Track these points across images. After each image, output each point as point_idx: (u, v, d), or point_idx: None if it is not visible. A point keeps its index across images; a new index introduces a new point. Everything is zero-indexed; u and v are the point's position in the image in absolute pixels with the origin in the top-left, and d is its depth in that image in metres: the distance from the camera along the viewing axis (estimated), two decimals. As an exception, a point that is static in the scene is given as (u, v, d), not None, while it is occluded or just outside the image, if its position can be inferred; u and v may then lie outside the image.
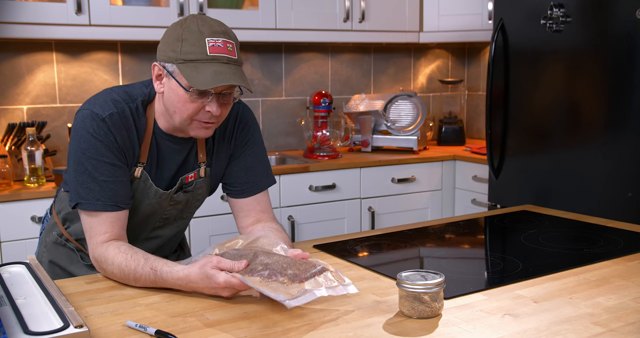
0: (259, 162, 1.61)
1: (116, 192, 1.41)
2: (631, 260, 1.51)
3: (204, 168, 1.56)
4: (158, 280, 1.30)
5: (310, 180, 2.99)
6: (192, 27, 1.34)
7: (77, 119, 1.42)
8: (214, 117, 1.40)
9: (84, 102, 1.45)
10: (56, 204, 1.65)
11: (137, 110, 1.44)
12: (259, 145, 1.62)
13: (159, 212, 1.55)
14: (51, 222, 1.67)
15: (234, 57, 1.36)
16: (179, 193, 1.54)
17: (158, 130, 1.47)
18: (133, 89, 1.47)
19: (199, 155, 1.55)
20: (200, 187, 1.58)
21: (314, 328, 1.13)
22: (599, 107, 2.54)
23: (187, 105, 1.37)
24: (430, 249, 1.67)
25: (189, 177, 1.54)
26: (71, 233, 1.60)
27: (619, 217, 2.02)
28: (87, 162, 1.39)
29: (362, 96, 3.53)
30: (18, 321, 1.06)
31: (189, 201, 1.59)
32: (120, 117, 1.41)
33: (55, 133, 2.92)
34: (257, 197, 1.61)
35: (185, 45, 1.33)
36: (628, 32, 2.38)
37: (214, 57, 1.33)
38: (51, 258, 1.63)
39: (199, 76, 1.32)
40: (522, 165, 2.85)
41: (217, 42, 1.34)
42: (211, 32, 1.34)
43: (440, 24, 3.48)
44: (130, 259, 1.33)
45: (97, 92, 1.48)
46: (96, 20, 2.67)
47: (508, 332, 1.10)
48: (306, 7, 3.14)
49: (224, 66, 1.33)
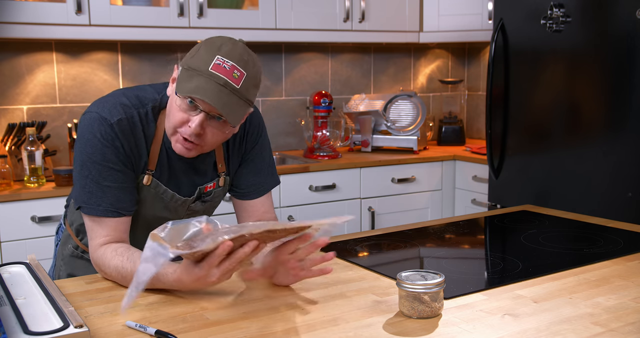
0: (266, 165, 1.61)
1: (119, 198, 1.39)
2: (631, 260, 1.51)
3: (223, 177, 1.55)
4: (155, 282, 1.28)
5: (310, 180, 2.99)
6: (216, 42, 1.31)
7: (84, 121, 1.39)
8: (194, 135, 1.34)
9: (92, 104, 1.42)
10: (68, 215, 1.63)
11: (147, 116, 1.42)
12: (266, 148, 1.61)
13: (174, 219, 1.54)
14: (65, 234, 1.66)
15: (234, 84, 1.29)
16: (197, 203, 1.53)
17: (168, 138, 1.44)
18: (145, 93, 1.44)
19: (218, 166, 1.53)
20: (218, 195, 1.57)
21: (314, 328, 1.13)
22: (599, 107, 2.54)
23: (175, 113, 1.35)
24: (430, 249, 1.67)
25: (208, 187, 1.53)
26: (86, 244, 1.59)
27: (619, 217, 2.02)
28: (92, 166, 1.37)
29: (362, 96, 3.53)
30: (18, 321, 1.06)
31: (206, 210, 1.58)
32: (128, 123, 1.38)
33: (55, 133, 2.92)
34: (261, 198, 1.61)
35: (197, 55, 1.31)
36: (628, 32, 2.38)
37: (212, 74, 1.28)
38: (70, 272, 1.62)
39: (185, 83, 1.29)
40: (522, 165, 2.85)
41: (225, 63, 1.28)
42: (228, 53, 1.29)
43: (440, 24, 3.48)
44: (127, 261, 1.32)
45: (107, 93, 1.45)
46: (96, 20, 2.67)
47: (508, 332, 1.10)
48: (306, 7, 3.14)
49: (215, 86, 1.27)
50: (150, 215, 1.49)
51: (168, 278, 1.26)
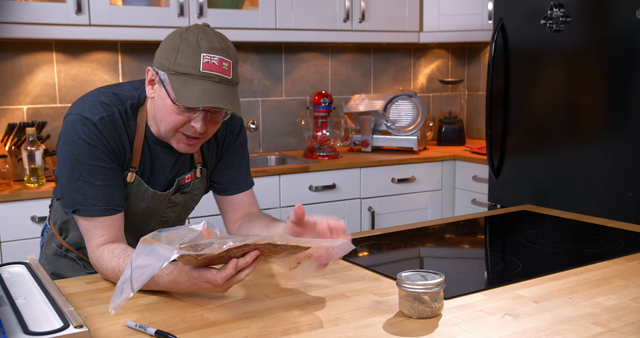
0: (244, 161, 1.63)
1: (113, 196, 1.40)
2: (631, 260, 1.51)
3: (200, 168, 1.56)
4: (151, 283, 1.28)
5: (310, 180, 2.99)
6: (190, 39, 1.30)
7: (66, 124, 1.39)
8: (199, 133, 1.37)
9: (71, 106, 1.42)
10: (52, 214, 1.64)
11: (127, 114, 1.42)
12: (244, 146, 1.63)
13: (157, 214, 1.54)
14: (49, 233, 1.66)
15: (227, 76, 1.31)
16: (177, 195, 1.54)
17: (150, 134, 1.45)
18: (122, 91, 1.44)
19: (194, 156, 1.54)
20: (197, 187, 1.58)
21: (313, 328, 1.13)
22: (599, 107, 2.54)
23: (173, 117, 1.35)
24: (430, 249, 1.67)
25: (186, 178, 1.54)
26: (70, 242, 1.59)
27: (619, 217, 2.02)
28: (82, 167, 1.37)
29: (362, 96, 3.53)
30: (18, 321, 1.06)
31: (186, 202, 1.59)
32: (110, 120, 1.39)
33: (55, 133, 2.92)
34: (247, 192, 1.62)
35: (179, 57, 1.30)
36: (628, 32, 2.37)
37: (206, 74, 1.29)
38: (53, 270, 1.62)
39: (186, 92, 1.29)
40: (522, 165, 2.85)
41: (212, 59, 1.29)
42: (209, 47, 1.30)
43: (440, 24, 3.48)
44: (123, 263, 1.32)
45: (84, 94, 1.45)
46: (96, 20, 2.67)
47: (508, 332, 1.10)
48: (306, 7, 3.14)
49: (214, 86, 1.29)
50: (134, 211, 1.50)
51: (163, 280, 1.26)
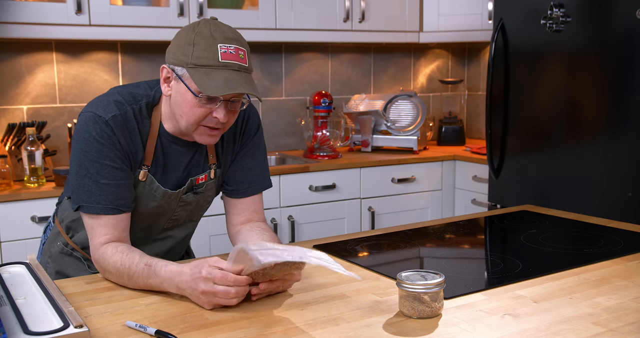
0: (257, 164, 1.61)
1: (118, 195, 1.41)
2: (631, 260, 1.51)
3: (214, 169, 1.56)
4: (151, 274, 1.29)
5: (310, 180, 2.99)
6: (204, 32, 1.33)
7: (79, 121, 1.42)
8: (221, 123, 1.39)
9: (87, 104, 1.44)
10: (59, 213, 1.64)
11: (141, 112, 1.44)
12: (260, 148, 1.62)
13: (168, 213, 1.54)
14: (54, 231, 1.66)
15: (244, 64, 1.36)
16: (189, 194, 1.54)
17: (164, 132, 1.47)
18: (138, 90, 1.46)
19: (209, 157, 1.54)
20: (210, 188, 1.58)
21: (314, 328, 1.13)
22: (599, 107, 2.54)
23: (195, 110, 1.37)
24: (430, 249, 1.67)
25: (200, 178, 1.54)
26: (76, 242, 1.59)
27: (619, 217, 2.02)
28: (90, 164, 1.39)
29: (362, 96, 3.53)
30: (18, 321, 1.06)
31: (199, 203, 1.59)
32: (123, 119, 1.40)
33: (55, 133, 2.92)
34: (253, 197, 1.61)
35: (197, 50, 1.32)
36: (628, 32, 2.37)
37: (226, 63, 1.32)
38: (58, 269, 1.62)
39: (209, 82, 1.31)
40: (522, 165, 2.85)
41: (229, 49, 1.33)
42: (224, 38, 1.33)
43: (440, 24, 3.48)
44: (126, 258, 1.34)
45: (102, 93, 1.47)
46: (96, 20, 2.67)
47: (508, 332, 1.10)
48: (306, 7, 3.14)
49: (235, 74, 1.33)
50: (145, 210, 1.50)
51: (165, 269, 1.28)
